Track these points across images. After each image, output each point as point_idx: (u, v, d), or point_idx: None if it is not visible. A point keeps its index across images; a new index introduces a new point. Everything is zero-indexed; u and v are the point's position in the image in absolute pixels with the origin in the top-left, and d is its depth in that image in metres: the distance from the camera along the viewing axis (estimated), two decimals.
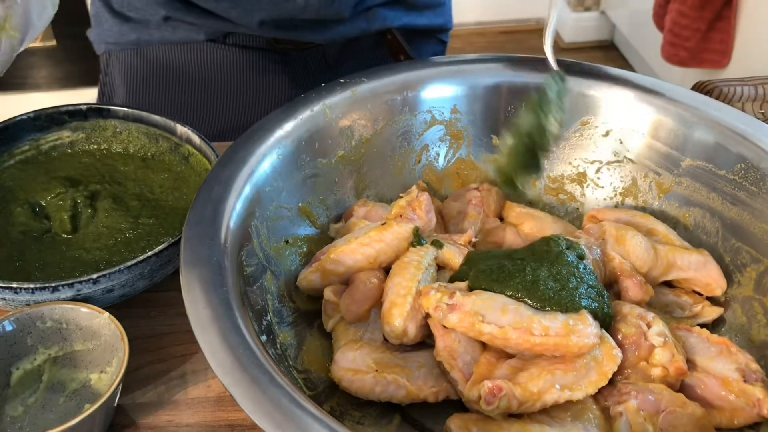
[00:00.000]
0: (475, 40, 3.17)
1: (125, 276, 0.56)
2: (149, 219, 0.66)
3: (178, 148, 0.71)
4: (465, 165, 0.73)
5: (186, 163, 0.71)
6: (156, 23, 0.91)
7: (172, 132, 0.71)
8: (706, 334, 0.55)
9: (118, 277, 0.56)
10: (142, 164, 0.72)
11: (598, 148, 0.70)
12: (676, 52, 2.09)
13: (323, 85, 0.67)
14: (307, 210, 0.65)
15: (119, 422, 0.55)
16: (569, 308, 0.52)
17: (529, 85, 0.69)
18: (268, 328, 0.53)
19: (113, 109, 0.72)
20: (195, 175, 0.70)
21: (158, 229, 0.65)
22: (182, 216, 0.65)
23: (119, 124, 0.73)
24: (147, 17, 0.91)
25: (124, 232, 0.64)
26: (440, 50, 1.08)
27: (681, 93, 0.67)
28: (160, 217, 0.66)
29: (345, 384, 0.53)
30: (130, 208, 0.67)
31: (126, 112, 0.72)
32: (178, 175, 0.70)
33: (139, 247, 0.63)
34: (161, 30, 0.91)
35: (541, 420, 0.49)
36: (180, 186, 0.70)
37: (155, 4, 0.89)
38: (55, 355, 0.56)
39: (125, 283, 0.57)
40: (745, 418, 0.50)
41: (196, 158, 0.70)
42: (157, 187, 0.70)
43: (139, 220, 0.66)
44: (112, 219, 0.65)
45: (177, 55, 0.93)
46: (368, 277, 0.58)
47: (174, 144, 0.71)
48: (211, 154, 0.67)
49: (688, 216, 0.65)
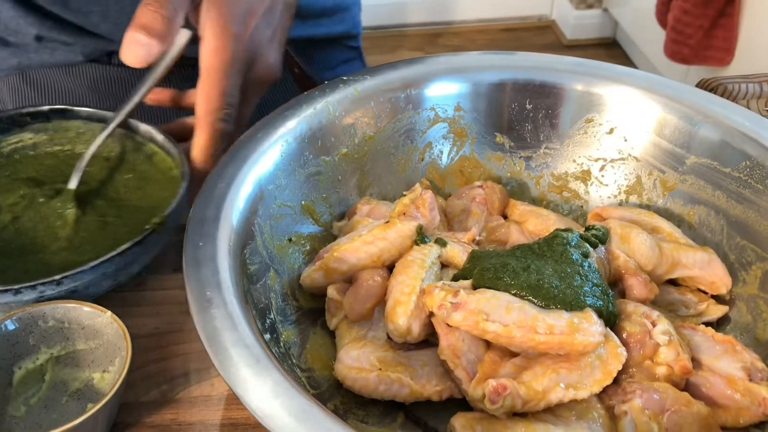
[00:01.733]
0: (477, 37, 3.17)
1: (89, 276, 0.56)
2: (114, 219, 0.65)
3: (142, 147, 0.70)
4: (469, 163, 0.72)
5: (150, 161, 0.70)
6: (33, 46, 0.88)
7: (135, 131, 0.70)
8: (711, 333, 0.55)
9: (82, 278, 0.55)
10: (105, 164, 0.71)
11: (602, 146, 0.70)
12: (679, 50, 2.08)
13: (326, 82, 0.67)
14: (310, 208, 0.64)
15: (123, 421, 0.55)
16: (574, 306, 0.51)
17: (533, 82, 0.69)
18: (272, 326, 0.53)
19: (76, 110, 0.72)
20: (159, 174, 0.69)
21: (123, 229, 0.64)
22: (147, 215, 0.64)
23: (82, 125, 0.72)
24: (23, 40, 0.88)
25: (89, 233, 0.64)
26: (353, 56, 1.06)
27: (686, 90, 0.67)
28: (124, 216, 0.66)
29: (348, 382, 0.53)
30: (95, 207, 0.66)
31: (89, 113, 0.72)
32: (142, 174, 0.70)
33: (104, 247, 0.62)
34: (39, 53, 0.89)
35: (546, 419, 0.49)
36: (144, 185, 0.69)
37: (26, 24, 0.87)
38: (58, 354, 0.56)
39: (89, 284, 0.56)
40: (750, 417, 0.50)
41: (160, 156, 0.69)
42: (122, 187, 0.69)
43: (104, 219, 0.65)
44: (82, 218, 0.64)
45: (60, 78, 0.91)
46: (372, 276, 0.58)
47: (137, 143, 0.71)
48: (174, 151, 0.67)
49: (693, 214, 0.65)
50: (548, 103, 0.69)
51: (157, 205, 0.65)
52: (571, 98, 0.69)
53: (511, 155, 0.72)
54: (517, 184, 0.72)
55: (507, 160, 0.72)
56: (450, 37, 3.16)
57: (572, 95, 0.69)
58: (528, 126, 0.71)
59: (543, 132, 0.71)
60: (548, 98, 0.69)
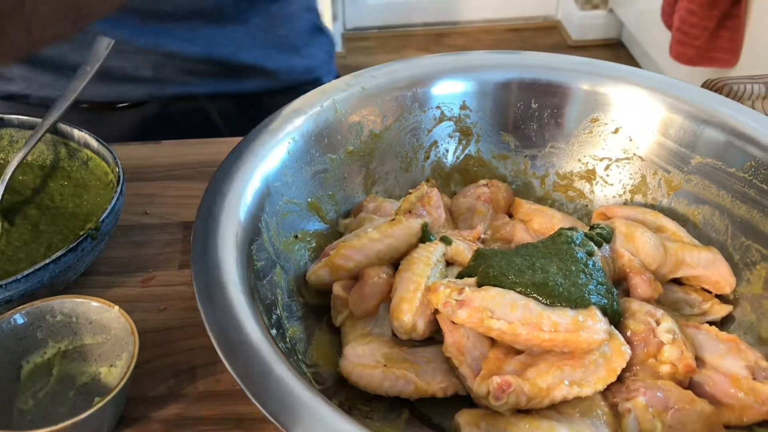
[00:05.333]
0: (482, 37, 3.17)
1: (23, 285, 0.55)
2: (47, 227, 0.65)
3: (77, 154, 0.70)
4: (474, 161, 0.73)
5: (86, 168, 0.70)
6: None
7: (70, 137, 0.70)
8: (715, 332, 0.55)
9: (16, 287, 0.55)
10: (40, 172, 0.71)
11: (607, 146, 0.70)
12: (684, 51, 2.08)
13: (332, 80, 0.68)
14: (317, 205, 0.65)
15: (129, 415, 0.55)
16: (578, 304, 0.52)
17: (539, 81, 0.69)
18: (278, 322, 0.53)
19: (7, 118, 0.71)
20: (95, 180, 0.69)
21: (57, 236, 0.64)
22: (83, 222, 0.65)
23: (15, 133, 0.71)
24: None
25: (24, 242, 0.64)
26: None
27: (691, 90, 0.67)
28: (59, 224, 0.66)
29: (354, 379, 0.53)
30: (28, 216, 0.66)
31: (21, 120, 0.71)
32: (78, 181, 0.70)
33: (39, 255, 0.62)
34: None
35: (550, 416, 0.49)
36: (80, 192, 0.69)
37: None
38: (65, 348, 0.56)
39: (24, 292, 0.56)
40: (754, 415, 0.50)
41: (95, 162, 0.69)
42: (57, 195, 0.69)
43: (39, 227, 0.65)
44: (11, 229, 0.64)
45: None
46: (377, 273, 0.58)
47: (72, 149, 0.70)
48: (109, 157, 0.67)
49: (698, 213, 0.65)
50: (554, 103, 0.70)
51: (94, 211, 0.66)
52: (576, 98, 0.69)
53: (517, 154, 0.72)
54: (522, 183, 0.72)
55: (512, 159, 0.72)
56: (456, 38, 3.17)
57: (578, 95, 0.69)
58: (533, 125, 0.71)
59: (548, 131, 0.71)
60: (554, 97, 0.69)
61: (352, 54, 3.07)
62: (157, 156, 0.81)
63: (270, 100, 1.02)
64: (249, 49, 0.96)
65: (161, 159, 0.81)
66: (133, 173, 0.77)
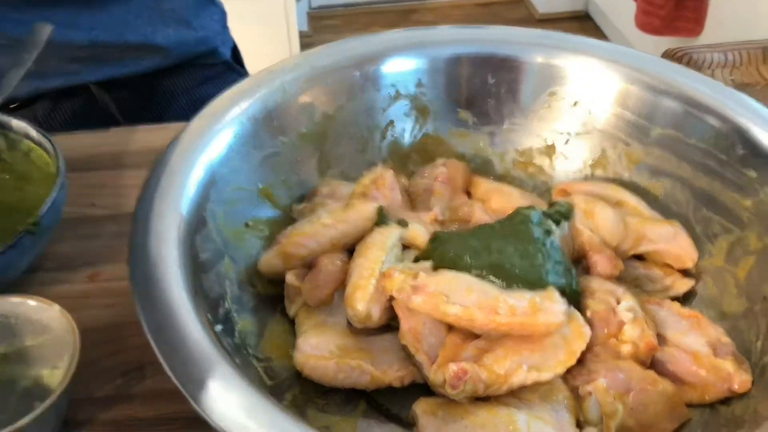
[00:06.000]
0: (451, 13, 3.14)
1: None
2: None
3: (18, 144, 0.67)
4: (432, 140, 0.70)
5: (27, 159, 0.67)
6: None
7: (8, 128, 0.67)
8: (676, 308, 0.54)
9: None
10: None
11: (566, 120, 0.68)
12: (649, 21, 2.07)
13: (281, 60, 0.65)
14: (268, 191, 0.62)
15: (75, 418, 0.53)
16: (536, 286, 0.50)
17: (494, 56, 0.67)
18: (226, 316, 0.51)
19: None
20: (38, 172, 0.66)
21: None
22: (25, 216, 0.61)
23: None
24: None
25: None
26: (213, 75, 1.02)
27: (649, 60, 0.66)
28: (1, 220, 0.63)
29: (307, 371, 0.51)
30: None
31: None
32: (21, 174, 0.66)
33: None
34: None
35: (509, 402, 0.48)
36: (23, 185, 0.66)
37: None
38: (5, 351, 0.54)
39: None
40: (716, 393, 0.49)
41: (37, 153, 0.66)
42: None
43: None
44: None
45: None
46: (331, 260, 0.57)
47: (12, 140, 0.67)
48: (50, 147, 0.64)
49: (659, 186, 0.64)
50: (510, 77, 0.68)
51: (37, 205, 0.62)
52: (531, 71, 0.67)
53: (475, 131, 0.70)
54: (482, 160, 0.71)
55: (470, 136, 0.70)
56: (424, 13, 3.13)
57: (533, 68, 0.67)
58: (491, 101, 0.69)
59: (506, 107, 0.69)
60: (509, 72, 0.67)
61: (318, 33, 3.02)
62: (104, 144, 0.78)
63: (167, 80, 0.99)
64: (135, 28, 0.92)
65: (108, 147, 0.78)
66: (79, 163, 0.74)
